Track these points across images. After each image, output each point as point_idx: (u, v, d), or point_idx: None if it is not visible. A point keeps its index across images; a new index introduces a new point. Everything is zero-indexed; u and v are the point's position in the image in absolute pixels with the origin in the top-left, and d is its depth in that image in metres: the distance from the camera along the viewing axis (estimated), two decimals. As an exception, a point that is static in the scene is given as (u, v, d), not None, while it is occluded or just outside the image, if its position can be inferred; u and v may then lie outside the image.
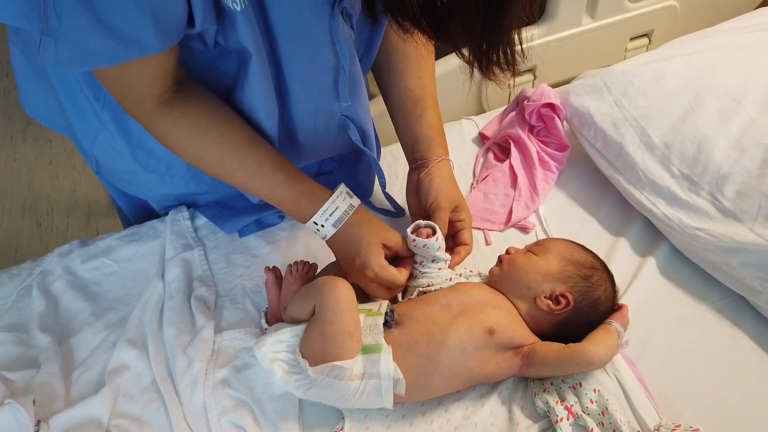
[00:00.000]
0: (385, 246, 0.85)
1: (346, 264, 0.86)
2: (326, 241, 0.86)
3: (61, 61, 0.62)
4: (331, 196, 0.84)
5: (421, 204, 0.95)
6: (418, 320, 0.81)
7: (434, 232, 0.87)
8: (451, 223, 0.93)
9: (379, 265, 0.83)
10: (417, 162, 0.95)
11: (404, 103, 0.95)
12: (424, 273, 0.89)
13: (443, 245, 0.89)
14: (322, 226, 0.83)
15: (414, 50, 0.93)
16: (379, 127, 1.02)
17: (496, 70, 0.60)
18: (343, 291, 0.77)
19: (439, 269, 0.89)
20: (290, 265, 0.90)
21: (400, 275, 0.85)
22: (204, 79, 0.78)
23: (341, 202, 0.84)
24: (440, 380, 0.80)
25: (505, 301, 0.85)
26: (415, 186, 0.96)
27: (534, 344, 0.82)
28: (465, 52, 0.60)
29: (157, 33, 0.61)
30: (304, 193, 0.83)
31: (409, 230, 0.87)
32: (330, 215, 0.83)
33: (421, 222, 0.89)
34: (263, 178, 0.81)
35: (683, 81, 1.06)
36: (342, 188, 0.85)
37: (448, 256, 0.90)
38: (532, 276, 0.85)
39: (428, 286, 0.89)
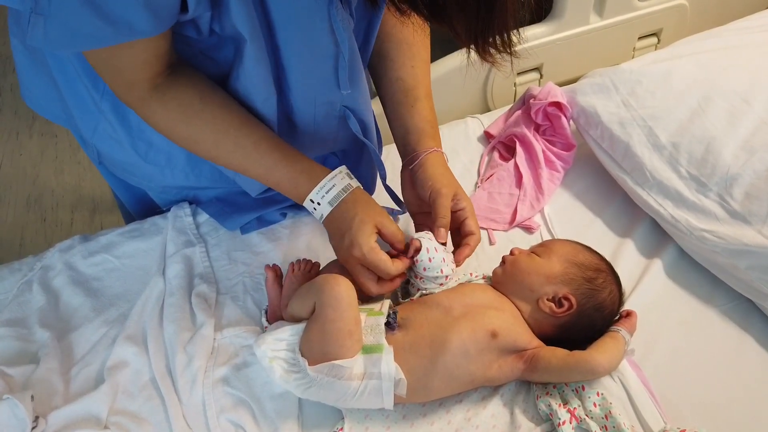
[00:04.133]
0: (379, 231, 0.81)
1: (336, 242, 0.82)
2: (323, 223, 0.83)
3: (50, 41, 0.62)
4: (329, 174, 0.81)
5: (419, 197, 0.90)
6: (420, 322, 0.80)
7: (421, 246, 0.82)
8: (453, 213, 0.87)
9: (368, 245, 0.78)
10: (409, 155, 0.92)
11: (396, 92, 0.92)
12: (425, 288, 0.86)
13: (447, 257, 0.84)
14: (318, 204, 0.81)
15: (408, 38, 0.91)
16: (383, 127, 1.01)
17: (493, 52, 0.59)
18: (343, 289, 0.76)
19: (441, 285, 0.85)
20: (292, 264, 0.89)
21: (390, 263, 0.79)
22: (199, 68, 0.77)
23: (339, 180, 0.81)
24: (442, 383, 0.79)
25: (508, 304, 0.84)
26: (410, 179, 0.91)
27: (538, 349, 0.81)
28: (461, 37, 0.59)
29: (149, 16, 0.61)
30: (302, 171, 0.81)
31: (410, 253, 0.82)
32: (326, 192, 0.80)
33: (413, 236, 0.83)
34: (259, 158, 0.80)
35: (692, 81, 1.05)
36: (342, 169, 0.82)
37: (449, 269, 0.84)
38: (534, 278, 0.84)
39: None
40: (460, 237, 0.88)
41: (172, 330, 0.88)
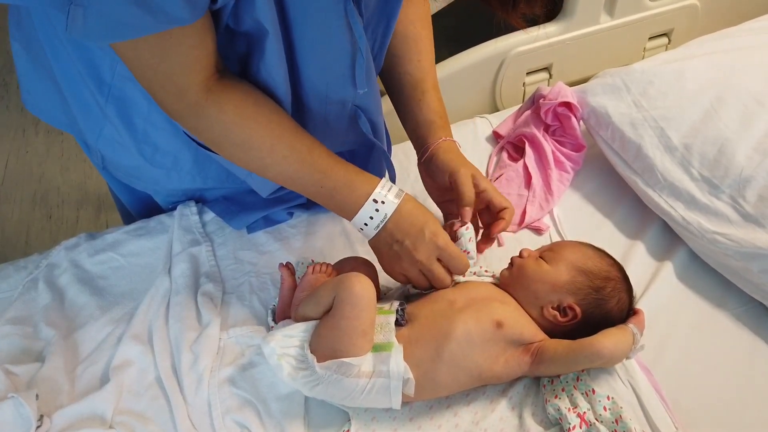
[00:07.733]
0: None
1: (413, 239, 0.79)
2: (386, 225, 0.80)
3: (89, 33, 0.61)
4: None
5: (439, 186, 0.91)
6: (426, 316, 0.80)
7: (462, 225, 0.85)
8: (477, 195, 0.87)
9: (446, 236, 0.80)
10: (422, 148, 0.92)
11: (404, 87, 0.92)
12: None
13: (473, 236, 0.86)
14: (382, 202, 0.79)
15: (413, 34, 0.90)
16: (390, 125, 1.00)
17: (524, 11, 0.60)
18: (365, 288, 0.76)
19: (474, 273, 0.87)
20: (312, 266, 0.87)
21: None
22: None
23: (390, 183, 0.82)
24: (448, 374, 0.78)
25: (513, 300, 0.84)
26: (426, 171, 0.92)
27: (543, 341, 0.80)
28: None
29: (184, 4, 0.60)
30: (357, 173, 0.81)
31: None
32: (389, 190, 0.80)
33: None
34: (314, 163, 0.79)
35: (704, 81, 1.03)
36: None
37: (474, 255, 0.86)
38: (540, 285, 0.83)
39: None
40: (490, 215, 0.89)
41: (177, 329, 0.87)
